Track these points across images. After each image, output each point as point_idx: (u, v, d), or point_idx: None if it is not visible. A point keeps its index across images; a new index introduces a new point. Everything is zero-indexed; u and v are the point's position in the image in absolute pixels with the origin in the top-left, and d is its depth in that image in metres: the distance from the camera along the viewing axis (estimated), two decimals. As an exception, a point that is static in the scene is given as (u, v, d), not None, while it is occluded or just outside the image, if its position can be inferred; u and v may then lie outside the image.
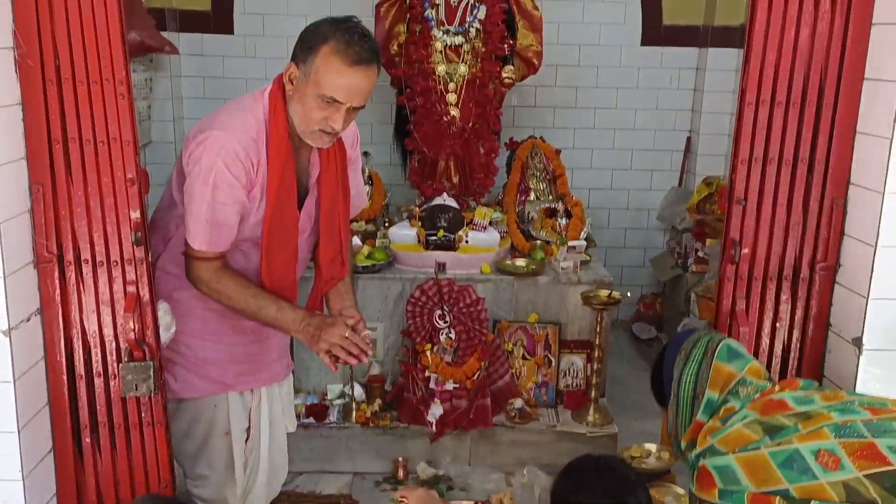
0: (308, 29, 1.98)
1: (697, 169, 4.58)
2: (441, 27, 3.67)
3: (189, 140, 2.03)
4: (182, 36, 4.40)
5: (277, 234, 2.08)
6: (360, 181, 2.40)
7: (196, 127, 2.06)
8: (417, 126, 3.75)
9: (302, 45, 1.96)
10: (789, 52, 2.10)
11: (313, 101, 1.95)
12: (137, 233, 2.05)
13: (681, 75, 4.61)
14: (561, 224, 3.80)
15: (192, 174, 2.01)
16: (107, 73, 1.99)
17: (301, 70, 1.95)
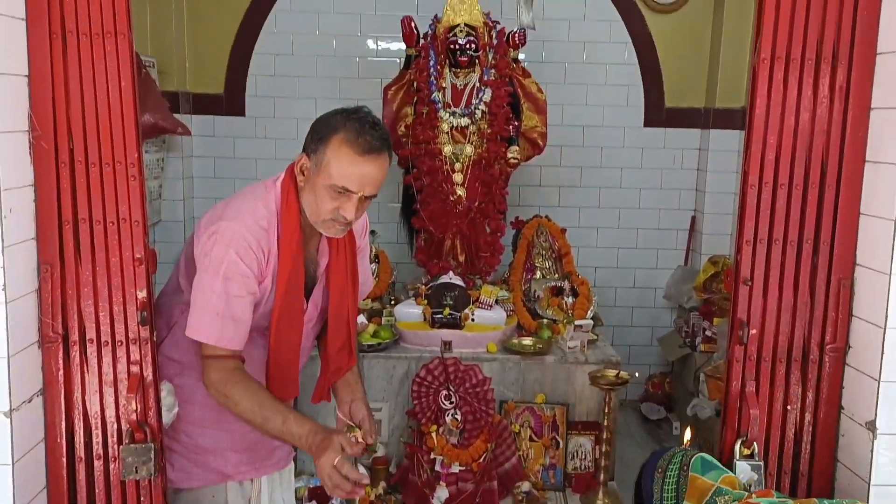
0: (319, 120, 2.01)
1: (703, 248, 4.58)
2: (447, 109, 3.75)
3: (200, 232, 2.03)
4: (195, 118, 4.50)
5: (285, 326, 2.07)
6: (367, 268, 2.40)
7: (206, 217, 2.06)
8: (424, 205, 3.79)
9: (313, 136, 1.99)
10: (790, 136, 2.13)
11: (325, 191, 1.96)
12: (143, 312, 2.05)
13: (684, 156, 4.67)
14: (567, 303, 3.79)
15: (202, 267, 1.99)
16: (119, 155, 2.03)
17: (312, 160, 1.98)
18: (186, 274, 2.11)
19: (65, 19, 1.97)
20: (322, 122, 2.00)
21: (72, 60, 1.99)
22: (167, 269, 4.28)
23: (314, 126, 2.01)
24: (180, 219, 4.46)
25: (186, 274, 2.11)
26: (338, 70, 4.54)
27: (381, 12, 4.50)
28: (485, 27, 3.77)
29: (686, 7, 4.52)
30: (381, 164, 1.97)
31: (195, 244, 2.03)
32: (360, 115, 1.98)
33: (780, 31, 2.09)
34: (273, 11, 4.48)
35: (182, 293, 2.15)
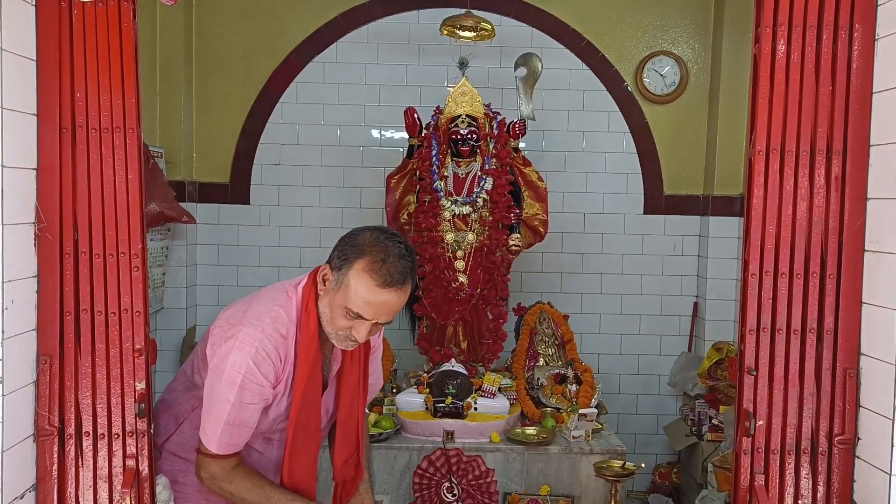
0: (350, 235, 1.99)
1: (706, 334, 4.55)
2: (449, 198, 3.79)
3: (218, 334, 1.99)
4: (200, 206, 4.56)
5: (301, 434, 2.05)
6: (379, 368, 2.36)
7: (225, 318, 2.02)
8: (426, 292, 3.80)
9: (339, 253, 1.96)
10: (788, 225, 2.14)
11: (340, 310, 1.95)
12: (141, 404, 2.02)
13: (684, 242, 4.70)
14: (571, 390, 3.75)
15: (216, 371, 1.96)
16: (123, 246, 2.04)
17: (334, 276, 1.96)
18: (200, 371, 2.09)
19: (75, 114, 2.02)
20: (351, 240, 1.97)
21: (80, 154, 2.02)
22: (167, 358, 4.35)
23: (344, 241, 1.98)
24: (183, 306, 4.45)
25: (200, 371, 2.09)
26: (342, 159, 4.62)
27: (384, 103, 4.61)
28: (486, 118, 3.85)
29: (682, 98, 4.63)
30: (400, 295, 1.94)
31: (210, 344, 2.00)
32: (388, 243, 1.94)
33: (773, 124, 2.13)
34: (280, 103, 4.60)
35: (195, 389, 2.12)
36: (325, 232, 4.61)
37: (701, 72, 4.62)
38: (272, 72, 4.57)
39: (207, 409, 1.97)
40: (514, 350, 3.97)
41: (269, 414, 2.05)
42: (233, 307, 2.06)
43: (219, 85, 4.56)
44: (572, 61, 4.61)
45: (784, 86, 2.13)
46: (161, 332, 4.38)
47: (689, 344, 4.71)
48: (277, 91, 4.59)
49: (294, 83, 4.59)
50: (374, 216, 4.55)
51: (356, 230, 2.00)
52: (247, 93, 4.58)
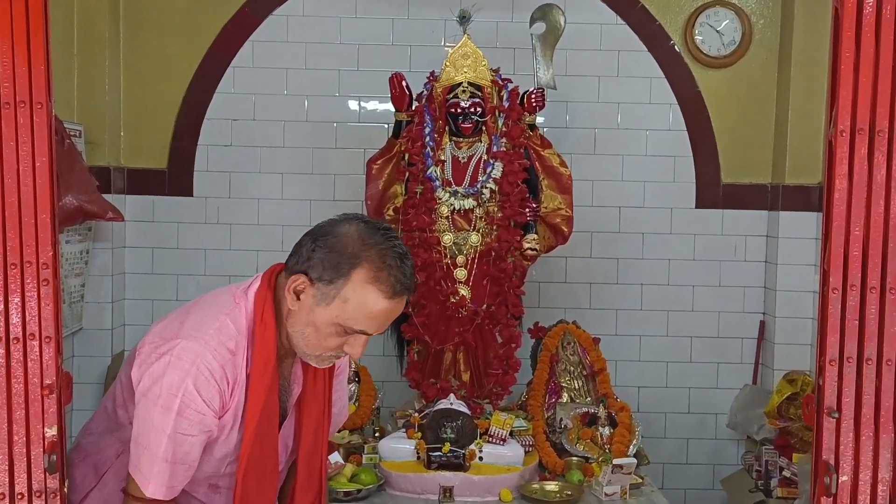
0: (327, 233, 1.98)
1: (776, 361, 4.55)
2: (447, 188, 3.79)
3: (147, 351, 2.00)
4: (129, 199, 4.56)
5: (255, 476, 2.05)
6: (344, 392, 2.40)
7: (157, 332, 2.03)
8: (418, 309, 3.79)
9: (325, 261, 1.95)
10: (879, 227, 2.13)
11: (332, 328, 1.96)
12: (52, 456, 2.01)
13: (748, 244, 4.69)
14: (603, 435, 3.75)
15: (148, 395, 1.96)
16: (29, 253, 2.02)
17: (319, 290, 1.95)
18: (126, 404, 2.09)
19: (-33, 86, 2.01)
20: (335, 244, 1.95)
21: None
22: (87, 393, 4.35)
23: (323, 243, 1.96)
24: (107, 326, 4.45)
25: (126, 404, 2.09)
26: (310, 138, 4.62)
27: (364, 68, 4.61)
28: (493, 86, 3.86)
29: (744, 60, 4.63)
30: (404, 301, 2.00)
31: (138, 364, 2.00)
32: (382, 240, 1.96)
33: (860, 97, 2.12)
34: (230, 67, 4.61)
35: (120, 429, 2.13)
36: (289, 231, 4.48)
37: (768, 27, 4.62)
38: (222, 27, 4.57)
39: (142, 442, 1.97)
40: (531, 383, 3.96)
41: (215, 452, 2.05)
42: (166, 318, 2.07)
43: (153, 44, 4.55)
44: (604, 13, 4.61)
45: (874, 48, 2.12)
46: (79, 361, 4.37)
47: (753, 374, 4.70)
48: (228, 52, 4.59)
49: (249, 42, 4.59)
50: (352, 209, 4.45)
51: (330, 225, 2.00)
52: (189, 54, 4.57)
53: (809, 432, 3.79)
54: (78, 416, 4.23)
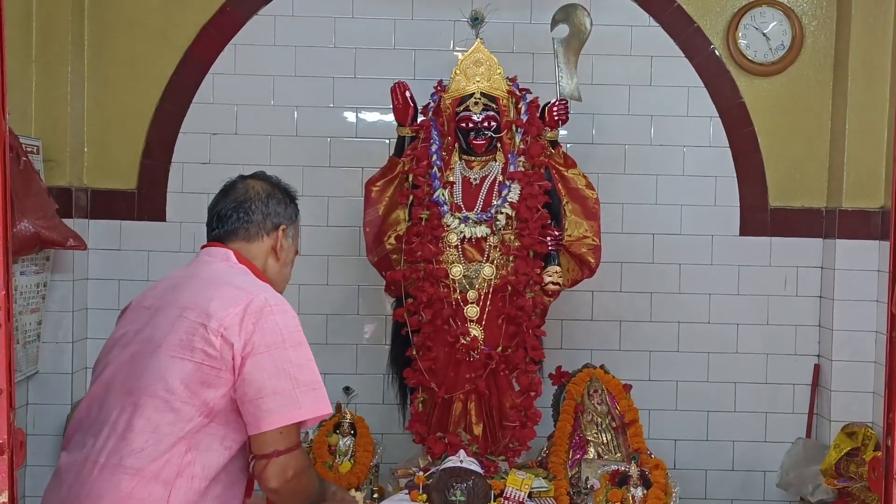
0: (267, 190, 2.76)
1: (833, 411, 4.52)
2: (457, 214, 3.78)
3: (228, 321, 2.42)
4: (93, 224, 4.55)
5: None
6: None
7: (234, 305, 2.45)
8: (423, 352, 3.78)
9: (289, 204, 2.79)
10: (959, 261, 2.11)
11: (293, 259, 2.82)
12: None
13: (799, 276, 4.68)
14: (635, 496, 3.72)
15: (272, 347, 2.44)
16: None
17: (291, 232, 2.79)
18: (190, 399, 2.39)
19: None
20: (276, 194, 2.77)
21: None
22: (44, 446, 4.31)
23: (274, 198, 2.75)
24: (67, 370, 4.43)
25: (190, 399, 2.39)
26: (301, 155, 4.62)
27: (362, 75, 4.62)
28: (510, 97, 3.86)
29: (794, 66, 4.64)
30: None
31: (227, 336, 2.41)
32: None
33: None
34: (210, 74, 4.62)
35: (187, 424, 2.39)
36: None
37: (822, 29, 4.62)
38: (200, 29, 4.59)
39: (286, 386, 2.42)
40: (552, 437, 3.93)
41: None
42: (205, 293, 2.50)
43: (122, 48, 4.56)
44: (635, 14, 4.62)
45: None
46: (34, 409, 4.35)
47: (807, 427, 4.67)
48: (207, 56, 4.61)
49: (231, 45, 4.61)
50: (348, 238, 4.54)
51: (267, 175, 2.84)
52: (163, 59, 4.59)
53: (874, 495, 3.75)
54: (33, 473, 4.20)
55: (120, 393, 2.45)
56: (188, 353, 2.40)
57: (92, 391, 2.56)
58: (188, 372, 2.40)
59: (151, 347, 2.46)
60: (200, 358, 2.40)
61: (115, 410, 2.43)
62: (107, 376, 2.52)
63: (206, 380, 2.40)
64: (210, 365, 2.40)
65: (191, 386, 2.40)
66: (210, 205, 2.82)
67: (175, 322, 2.46)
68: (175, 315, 2.48)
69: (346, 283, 4.61)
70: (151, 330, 2.50)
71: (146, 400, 2.39)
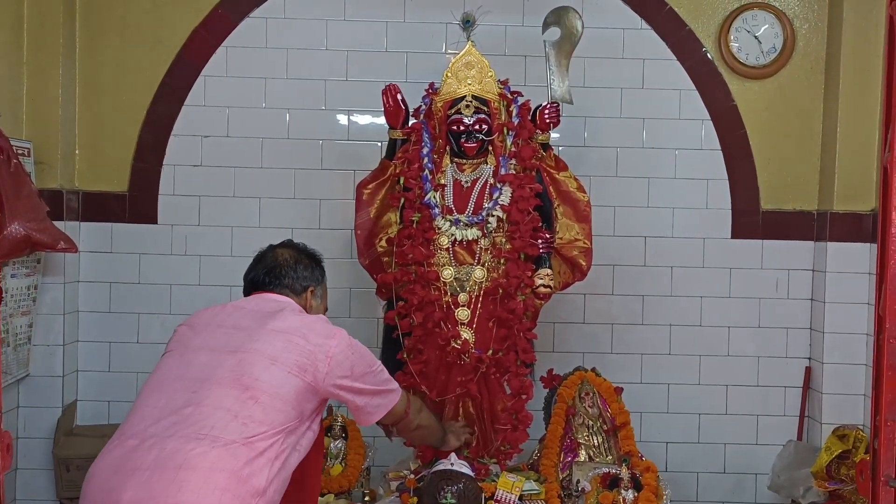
0: (306, 250, 3.24)
1: (824, 414, 4.53)
2: (448, 216, 3.78)
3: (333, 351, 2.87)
4: (84, 226, 4.56)
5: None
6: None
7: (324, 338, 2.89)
8: (414, 355, 3.78)
9: (315, 268, 3.21)
10: (944, 265, 2.13)
11: (321, 313, 3.19)
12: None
13: (791, 279, 4.69)
14: (626, 499, 3.72)
15: (362, 358, 2.98)
16: (-33, 294, 2.02)
17: (319, 291, 3.22)
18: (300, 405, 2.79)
19: None
20: (305, 260, 3.18)
21: None
22: (34, 450, 4.31)
23: (304, 263, 3.18)
24: (58, 372, 4.43)
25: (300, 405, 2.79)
26: (293, 158, 4.63)
27: (354, 77, 4.63)
28: (501, 100, 3.86)
29: (786, 70, 4.65)
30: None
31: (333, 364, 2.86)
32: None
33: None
34: (201, 76, 4.63)
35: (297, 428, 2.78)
36: None
37: (813, 32, 4.64)
38: (191, 31, 4.59)
39: (378, 378, 3.06)
40: (543, 439, 3.94)
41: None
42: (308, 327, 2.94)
43: (114, 50, 4.56)
44: (627, 17, 4.63)
45: (935, 61, 2.13)
46: (25, 412, 4.35)
47: (798, 429, 4.68)
48: (199, 59, 4.61)
49: (223, 47, 4.62)
50: (339, 240, 4.54)
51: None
52: (154, 62, 4.59)
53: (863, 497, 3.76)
54: (24, 476, 4.21)
55: (229, 385, 2.71)
56: (301, 372, 2.78)
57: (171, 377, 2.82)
58: (299, 388, 2.77)
59: (263, 359, 2.78)
60: (309, 380, 2.79)
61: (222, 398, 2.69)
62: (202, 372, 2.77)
63: (309, 397, 2.82)
64: (314, 386, 2.81)
65: (299, 398, 2.78)
66: (245, 273, 3.21)
67: (286, 344, 2.82)
68: (278, 337, 2.84)
69: (337, 286, 4.56)
70: (254, 343, 2.82)
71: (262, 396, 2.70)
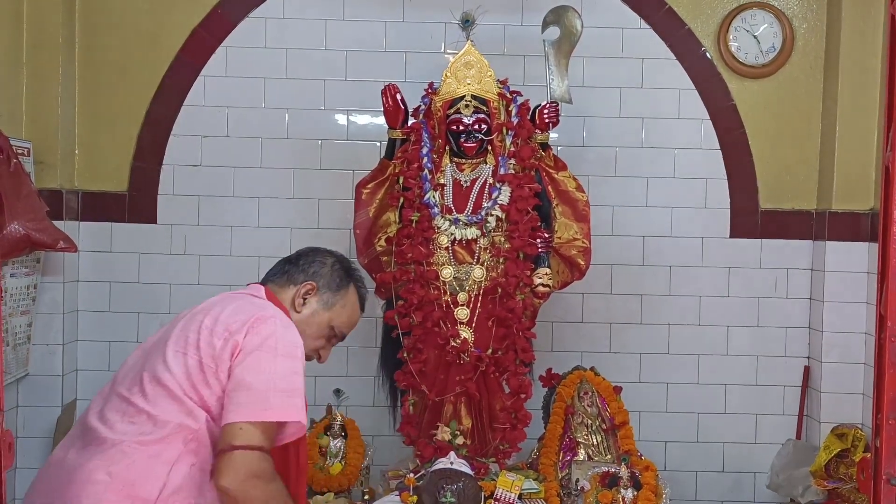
0: (332, 256, 2.86)
1: (822, 413, 4.53)
2: (447, 216, 3.79)
3: (237, 323, 2.50)
4: (84, 226, 4.55)
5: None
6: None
7: (229, 313, 2.54)
8: (413, 354, 3.78)
9: (333, 273, 2.81)
10: (944, 264, 2.12)
11: (321, 330, 2.76)
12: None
13: (790, 278, 4.68)
14: (625, 498, 3.72)
15: (263, 348, 2.47)
16: (-33, 294, 2.02)
17: (324, 296, 2.78)
18: (194, 388, 2.45)
19: None
20: (338, 264, 2.83)
21: None
22: (33, 449, 4.30)
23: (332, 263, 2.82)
24: (57, 372, 4.42)
25: (194, 388, 2.45)
26: (292, 157, 4.63)
27: (353, 77, 4.62)
28: (500, 100, 3.87)
29: (785, 69, 4.64)
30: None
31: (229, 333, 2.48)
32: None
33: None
34: (201, 76, 4.62)
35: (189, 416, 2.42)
36: (266, 263, 4.40)
37: (812, 32, 4.63)
38: (191, 31, 4.58)
39: (263, 387, 2.42)
40: (542, 438, 3.94)
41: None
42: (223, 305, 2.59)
43: (113, 50, 4.55)
44: (626, 16, 4.63)
45: (935, 60, 2.12)
46: (24, 412, 4.34)
47: (797, 428, 4.68)
48: (198, 59, 4.60)
49: (222, 48, 4.61)
50: (339, 240, 4.50)
51: (320, 249, 2.88)
52: (153, 62, 4.58)
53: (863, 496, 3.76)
54: (23, 475, 4.20)
55: (129, 378, 2.52)
56: (193, 349, 2.48)
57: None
58: (190, 367, 2.46)
59: (161, 343, 2.56)
60: (202, 356, 2.47)
61: (124, 392, 2.48)
62: (122, 370, 2.63)
63: (205, 378, 2.45)
64: (209, 364, 2.45)
65: (192, 380, 2.46)
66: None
67: (187, 324, 2.57)
68: (188, 318, 2.60)
69: (337, 286, 4.61)
70: (166, 331, 2.64)
71: (151, 387, 2.45)
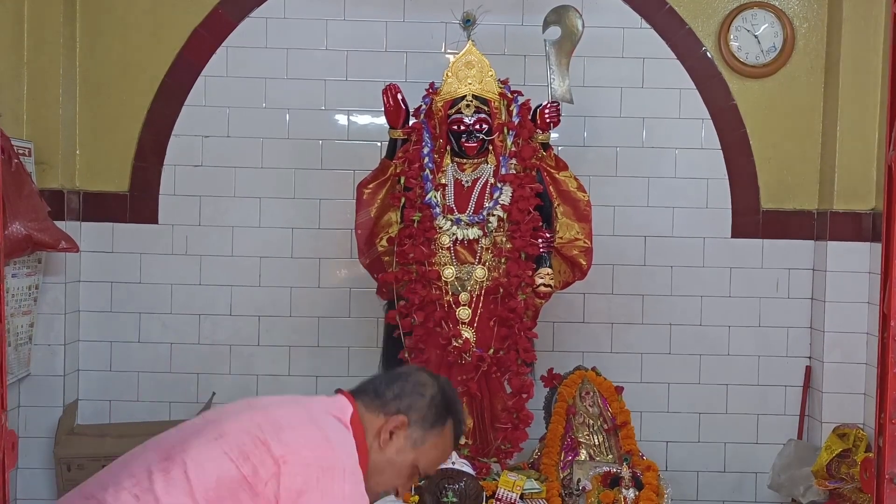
0: (446, 392, 2.38)
1: (824, 413, 4.52)
2: (449, 216, 3.78)
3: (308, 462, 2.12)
4: (85, 226, 4.55)
5: None
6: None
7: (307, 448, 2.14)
8: (415, 353, 3.78)
9: (431, 407, 2.33)
10: (948, 263, 2.12)
11: (409, 469, 2.33)
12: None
13: (791, 278, 4.68)
14: (627, 498, 3.72)
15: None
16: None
17: (414, 433, 2.31)
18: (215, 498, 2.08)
19: None
20: (445, 393, 2.38)
21: None
22: (35, 449, 4.30)
23: (432, 395, 2.34)
24: (59, 372, 4.42)
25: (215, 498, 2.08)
26: (293, 157, 4.62)
27: (354, 77, 4.62)
28: (501, 100, 3.86)
29: (786, 68, 4.64)
30: None
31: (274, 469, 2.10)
32: (460, 405, 2.49)
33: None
34: (202, 76, 4.62)
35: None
36: (267, 263, 4.59)
37: (813, 31, 4.63)
38: (192, 31, 4.58)
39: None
40: (544, 438, 3.94)
41: None
42: (292, 426, 2.18)
43: (114, 50, 4.55)
44: (627, 16, 4.62)
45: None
46: (26, 412, 4.34)
47: (798, 428, 4.67)
48: (199, 59, 4.60)
49: (223, 48, 4.60)
50: (339, 241, 4.53)
51: (422, 376, 2.40)
52: (155, 62, 4.58)
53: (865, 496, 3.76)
54: (24, 476, 4.20)
55: (156, 452, 2.16)
56: (240, 459, 2.11)
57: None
58: (227, 474, 2.10)
59: (213, 431, 2.19)
60: (247, 471, 2.10)
61: (143, 465, 2.13)
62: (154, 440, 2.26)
63: (235, 493, 2.09)
64: (249, 482, 2.09)
65: (220, 488, 2.09)
66: None
67: (246, 423, 2.19)
68: (248, 416, 2.22)
69: (337, 286, 4.61)
70: (220, 415, 2.28)
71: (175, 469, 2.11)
